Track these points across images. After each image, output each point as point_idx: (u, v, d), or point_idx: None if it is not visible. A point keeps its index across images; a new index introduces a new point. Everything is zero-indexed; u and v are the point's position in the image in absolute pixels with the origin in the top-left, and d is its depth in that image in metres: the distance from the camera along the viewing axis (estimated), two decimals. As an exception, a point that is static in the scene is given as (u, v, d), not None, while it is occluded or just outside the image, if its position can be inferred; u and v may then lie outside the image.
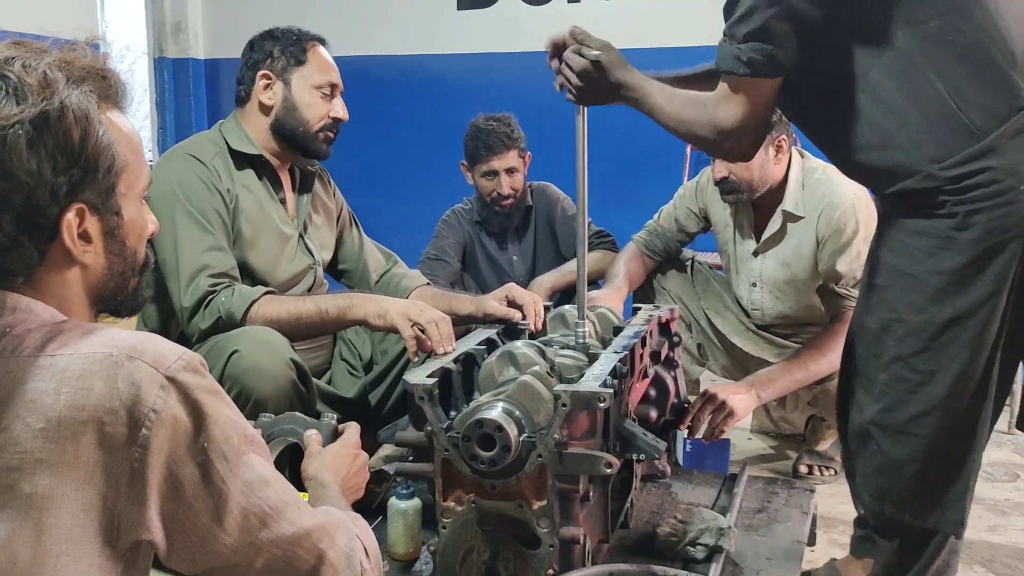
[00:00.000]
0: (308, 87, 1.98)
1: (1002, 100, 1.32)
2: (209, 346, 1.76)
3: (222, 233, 1.88)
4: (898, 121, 1.37)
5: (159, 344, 0.87)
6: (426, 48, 4.35)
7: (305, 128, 1.98)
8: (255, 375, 1.67)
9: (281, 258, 1.98)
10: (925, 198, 1.37)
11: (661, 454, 1.55)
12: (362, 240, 2.24)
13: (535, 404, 1.36)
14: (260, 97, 1.99)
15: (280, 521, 0.91)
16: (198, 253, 1.82)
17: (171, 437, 0.83)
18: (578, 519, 1.38)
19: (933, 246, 1.37)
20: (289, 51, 1.99)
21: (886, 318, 1.45)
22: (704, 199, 2.56)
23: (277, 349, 1.72)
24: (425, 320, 1.72)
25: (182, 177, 1.87)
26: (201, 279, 1.80)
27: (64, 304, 0.91)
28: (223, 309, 1.77)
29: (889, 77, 1.37)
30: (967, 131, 1.33)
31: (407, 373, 1.47)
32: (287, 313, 1.80)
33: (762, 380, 2.24)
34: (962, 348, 1.37)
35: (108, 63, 0.93)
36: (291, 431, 1.40)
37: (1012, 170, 1.31)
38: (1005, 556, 2.16)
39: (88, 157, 0.87)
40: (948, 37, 1.33)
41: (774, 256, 2.42)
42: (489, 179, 2.73)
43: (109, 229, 0.92)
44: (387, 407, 2.12)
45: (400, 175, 4.46)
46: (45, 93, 0.85)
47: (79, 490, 0.80)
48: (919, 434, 1.43)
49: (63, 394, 0.81)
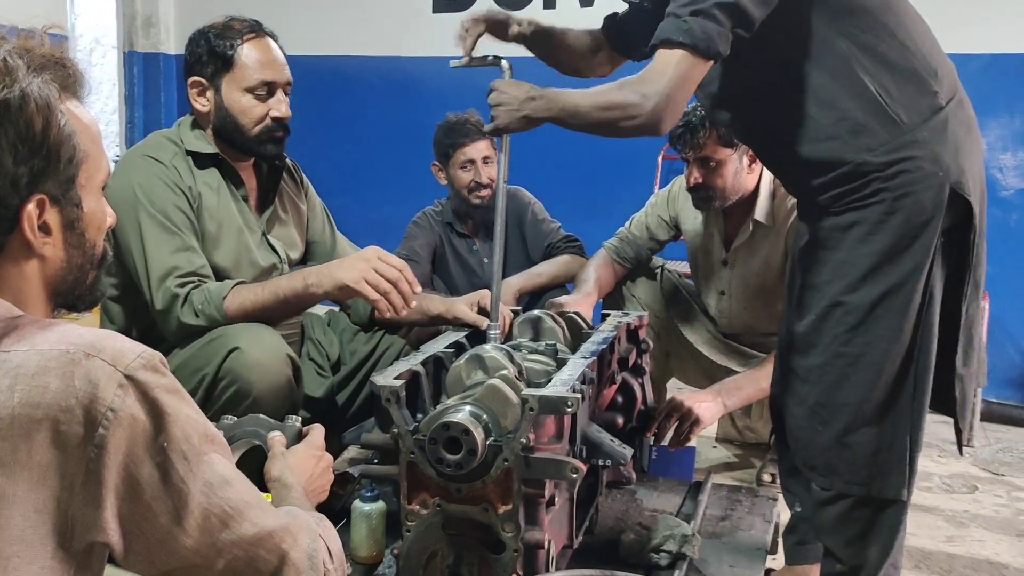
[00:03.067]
0: (239, 90, 1.88)
1: (924, 101, 1.52)
2: (206, 341, 1.74)
3: (189, 232, 1.85)
4: (837, 116, 1.53)
5: (118, 342, 0.84)
6: (400, 50, 4.33)
7: (242, 134, 1.90)
8: (256, 371, 1.66)
9: (244, 256, 1.95)
10: (859, 187, 1.53)
11: (627, 460, 1.55)
12: (335, 238, 2.22)
13: (503, 408, 1.35)
14: (195, 104, 1.92)
15: (242, 521, 0.89)
16: (165, 255, 1.79)
17: (129, 437, 0.81)
18: (543, 524, 1.37)
19: (865, 232, 1.54)
20: (216, 53, 1.87)
21: (824, 306, 1.59)
22: (676, 207, 2.57)
23: (276, 346, 1.72)
24: (390, 278, 1.73)
25: (143, 179, 1.84)
26: (169, 281, 1.77)
27: (21, 298, 0.89)
28: (203, 314, 1.76)
29: (830, 79, 1.53)
30: (896, 125, 1.51)
31: (374, 375, 1.46)
32: (250, 306, 1.78)
33: (728, 388, 2.26)
34: (893, 317, 1.53)
35: (66, 52, 0.92)
36: (254, 433, 1.38)
37: (934, 158, 1.50)
38: (963, 567, 2.20)
39: (50, 147, 0.86)
40: (878, 47, 1.52)
41: (743, 265, 2.44)
42: (466, 169, 2.71)
43: (69, 221, 0.91)
44: (353, 407, 2.11)
45: (372, 177, 4.44)
46: (5, 81, 0.83)
47: (32, 490, 0.78)
48: (859, 403, 1.57)
49: (17, 391, 0.78)
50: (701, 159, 2.28)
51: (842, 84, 1.52)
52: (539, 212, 2.85)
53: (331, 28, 4.32)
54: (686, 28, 1.45)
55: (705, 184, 2.32)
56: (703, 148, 2.25)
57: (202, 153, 1.93)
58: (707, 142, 2.24)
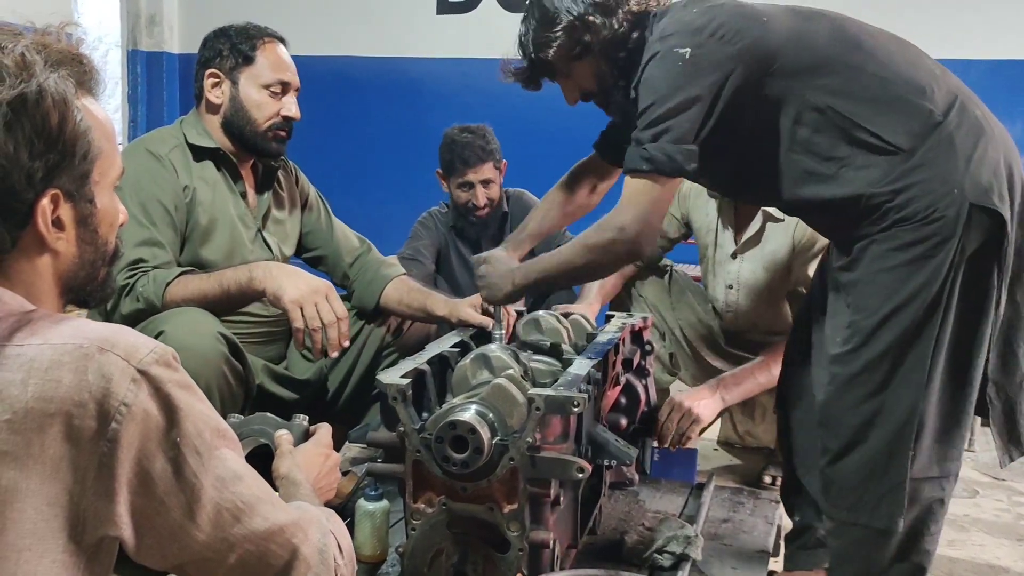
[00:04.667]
0: (256, 86, 1.96)
1: (917, 122, 1.50)
2: (139, 330, 1.72)
3: (165, 226, 1.85)
4: (837, 164, 1.54)
5: (131, 336, 0.85)
6: (404, 51, 4.33)
7: (252, 127, 1.96)
8: (182, 354, 1.63)
9: (236, 252, 1.96)
10: (878, 219, 1.51)
11: (632, 460, 1.56)
12: (331, 223, 2.22)
13: (508, 407, 1.36)
14: (208, 96, 1.98)
15: (253, 516, 0.89)
16: (129, 248, 1.77)
17: (142, 432, 0.81)
18: (548, 523, 1.38)
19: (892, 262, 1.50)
20: (238, 49, 1.96)
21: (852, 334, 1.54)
22: (687, 205, 2.58)
23: (203, 325, 1.69)
24: (324, 320, 1.71)
25: (131, 172, 1.83)
26: (123, 272, 1.76)
27: (33, 292, 0.89)
28: (142, 297, 1.74)
29: (814, 132, 1.54)
30: (894, 154, 1.50)
31: (380, 373, 1.46)
32: (192, 292, 1.76)
33: (726, 383, 2.27)
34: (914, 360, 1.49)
35: (82, 49, 0.92)
36: (261, 431, 1.38)
37: (943, 178, 1.47)
38: (964, 571, 2.20)
39: (65, 142, 0.86)
40: (852, 89, 1.53)
41: (752, 259, 2.46)
42: (464, 190, 2.74)
43: (82, 217, 0.91)
44: (347, 390, 2.11)
45: (375, 177, 4.44)
46: (23, 75, 0.83)
47: (44, 484, 0.78)
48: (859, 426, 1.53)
49: (31, 385, 0.78)
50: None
51: (829, 134, 1.53)
52: (543, 214, 2.85)
53: (335, 29, 4.32)
54: (647, 156, 1.52)
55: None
56: None
57: (202, 147, 1.95)
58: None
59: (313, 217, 2.20)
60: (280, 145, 2.00)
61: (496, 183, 2.76)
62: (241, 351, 1.75)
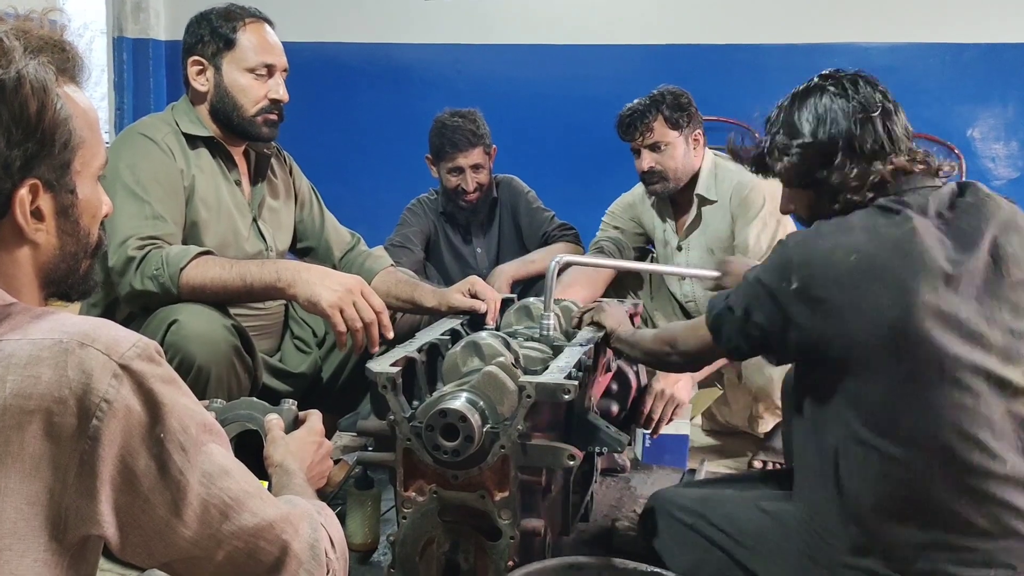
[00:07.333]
0: (240, 70, 1.91)
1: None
2: (147, 320, 1.71)
3: (167, 200, 1.80)
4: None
5: (112, 330, 0.83)
6: (393, 37, 4.30)
7: (240, 113, 1.92)
8: (195, 341, 1.63)
9: (232, 242, 1.94)
10: None
11: (624, 447, 1.55)
12: (323, 217, 2.20)
13: (499, 395, 1.35)
14: (194, 84, 1.93)
15: (242, 512, 0.88)
16: (129, 220, 1.74)
17: (124, 428, 0.80)
18: (539, 511, 1.38)
19: None
20: (219, 33, 1.91)
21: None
22: (635, 212, 2.68)
23: (215, 316, 1.68)
24: (365, 319, 1.66)
25: (129, 156, 1.82)
26: (129, 243, 1.72)
27: (12, 285, 0.87)
28: (157, 281, 1.68)
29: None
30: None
31: (370, 362, 1.45)
32: (210, 280, 1.71)
33: None
34: None
35: (65, 35, 0.90)
36: (248, 416, 1.34)
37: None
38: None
39: (44, 131, 0.84)
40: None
41: (696, 245, 2.53)
42: (454, 175, 2.73)
43: (63, 207, 0.89)
44: (341, 380, 2.10)
45: (364, 164, 4.41)
46: (1, 62, 0.81)
47: (24, 483, 0.77)
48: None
49: (9, 381, 0.77)
50: (651, 145, 2.44)
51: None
52: (533, 201, 2.86)
53: (323, 15, 4.28)
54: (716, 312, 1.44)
55: (657, 167, 2.45)
56: (653, 132, 2.41)
57: (196, 135, 1.92)
58: (655, 126, 2.41)
59: (306, 209, 2.18)
60: (271, 129, 1.96)
61: (486, 168, 2.75)
62: (252, 344, 1.75)
